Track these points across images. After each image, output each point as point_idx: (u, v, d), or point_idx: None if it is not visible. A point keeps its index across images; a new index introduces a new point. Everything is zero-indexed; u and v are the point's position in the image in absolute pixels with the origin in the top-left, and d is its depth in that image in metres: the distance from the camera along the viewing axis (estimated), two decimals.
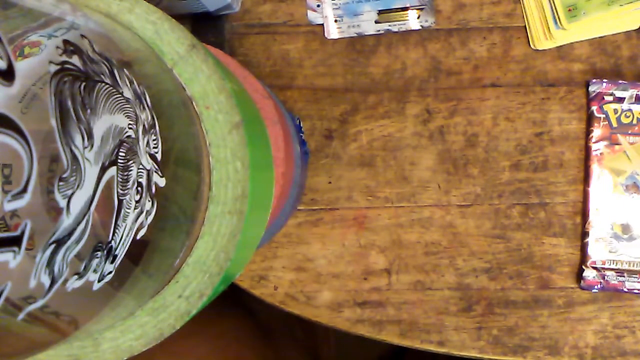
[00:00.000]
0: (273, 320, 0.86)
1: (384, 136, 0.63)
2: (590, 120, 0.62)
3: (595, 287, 0.60)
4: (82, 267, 0.26)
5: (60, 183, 0.23)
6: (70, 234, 0.24)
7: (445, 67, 0.63)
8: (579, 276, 0.61)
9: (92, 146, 0.25)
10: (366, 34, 0.64)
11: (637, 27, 0.62)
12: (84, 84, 0.25)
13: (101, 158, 0.26)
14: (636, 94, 0.61)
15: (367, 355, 0.94)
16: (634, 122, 0.61)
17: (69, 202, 0.24)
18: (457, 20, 0.64)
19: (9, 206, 0.21)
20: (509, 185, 0.62)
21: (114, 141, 0.27)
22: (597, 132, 0.61)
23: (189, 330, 0.33)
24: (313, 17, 0.64)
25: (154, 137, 0.30)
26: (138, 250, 0.29)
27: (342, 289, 0.62)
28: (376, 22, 0.64)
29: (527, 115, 0.63)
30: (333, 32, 0.64)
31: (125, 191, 0.28)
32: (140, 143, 0.29)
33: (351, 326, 0.62)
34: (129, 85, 0.28)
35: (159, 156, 0.30)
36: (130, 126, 0.28)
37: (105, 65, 0.27)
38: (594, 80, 0.61)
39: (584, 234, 0.61)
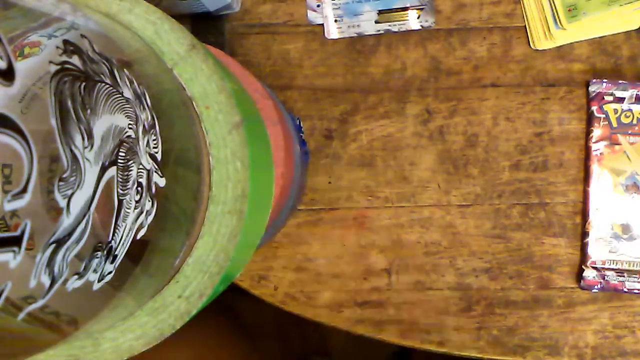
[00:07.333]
0: (264, 324, 0.86)
1: (384, 136, 0.63)
2: (590, 120, 0.62)
3: (595, 287, 0.60)
4: (82, 267, 0.26)
5: (60, 183, 0.23)
6: (70, 234, 0.24)
7: (445, 67, 0.63)
8: (579, 276, 0.61)
9: (92, 146, 0.25)
10: (366, 34, 0.64)
11: (637, 27, 0.62)
12: (84, 84, 0.25)
13: (101, 158, 0.26)
14: (636, 94, 0.61)
15: (372, 355, 0.94)
16: (634, 122, 0.61)
17: (69, 202, 0.24)
18: (457, 20, 0.64)
19: (9, 206, 0.21)
20: (509, 185, 0.62)
21: (114, 141, 0.27)
22: (597, 132, 0.61)
23: (171, 337, 0.33)
24: (313, 17, 0.64)
25: (154, 137, 0.30)
26: (138, 250, 0.29)
27: (342, 289, 0.62)
28: (376, 22, 0.64)
29: (527, 115, 0.63)
30: (333, 32, 0.64)
31: (125, 191, 0.28)
32: (140, 143, 0.29)
33: (351, 326, 0.62)
34: (129, 85, 0.28)
35: (159, 156, 0.30)
36: (130, 126, 0.28)
37: (105, 65, 0.27)
38: (594, 80, 0.61)
39: (584, 234, 0.61)
